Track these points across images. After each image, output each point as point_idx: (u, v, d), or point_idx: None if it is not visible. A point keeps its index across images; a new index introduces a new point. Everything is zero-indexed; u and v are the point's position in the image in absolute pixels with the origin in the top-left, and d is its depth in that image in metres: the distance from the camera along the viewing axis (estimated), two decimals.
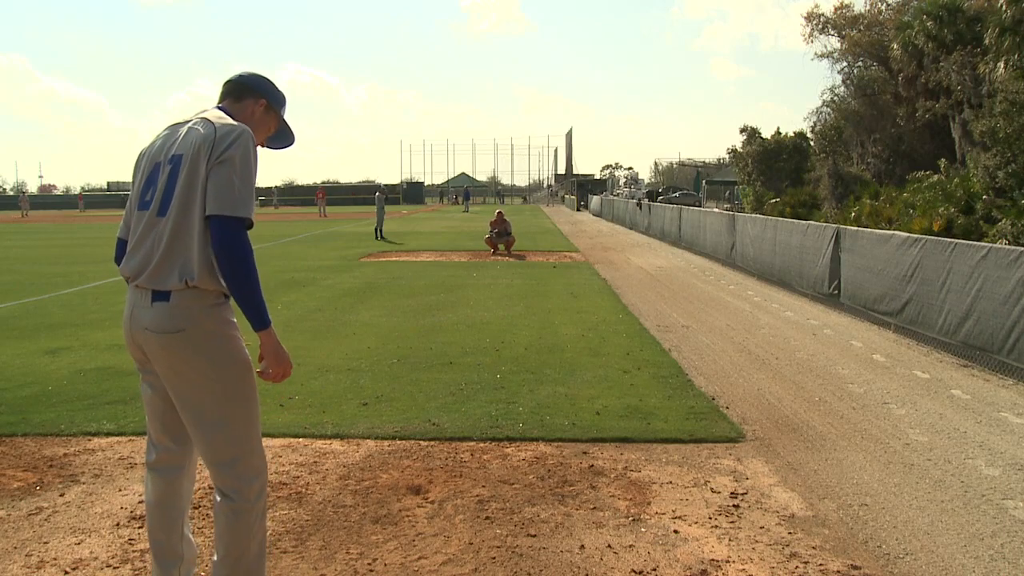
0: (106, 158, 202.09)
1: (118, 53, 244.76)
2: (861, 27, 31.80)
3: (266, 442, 2.86)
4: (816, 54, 33.56)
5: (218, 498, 2.75)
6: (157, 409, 2.83)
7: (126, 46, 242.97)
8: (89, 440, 4.99)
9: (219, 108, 2.88)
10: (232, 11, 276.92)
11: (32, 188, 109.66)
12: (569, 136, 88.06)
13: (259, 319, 2.62)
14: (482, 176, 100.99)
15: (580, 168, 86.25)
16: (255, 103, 2.94)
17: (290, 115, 3.11)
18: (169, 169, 2.66)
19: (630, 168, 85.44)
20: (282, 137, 3.12)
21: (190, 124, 2.75)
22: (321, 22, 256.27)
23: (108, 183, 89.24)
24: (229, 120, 2.75)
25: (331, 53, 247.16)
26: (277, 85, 3.04)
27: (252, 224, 2.63)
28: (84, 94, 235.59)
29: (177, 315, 2.61)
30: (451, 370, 6.83)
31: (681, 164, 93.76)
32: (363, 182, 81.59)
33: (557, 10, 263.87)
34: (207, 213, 2.57)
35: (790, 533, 3.69)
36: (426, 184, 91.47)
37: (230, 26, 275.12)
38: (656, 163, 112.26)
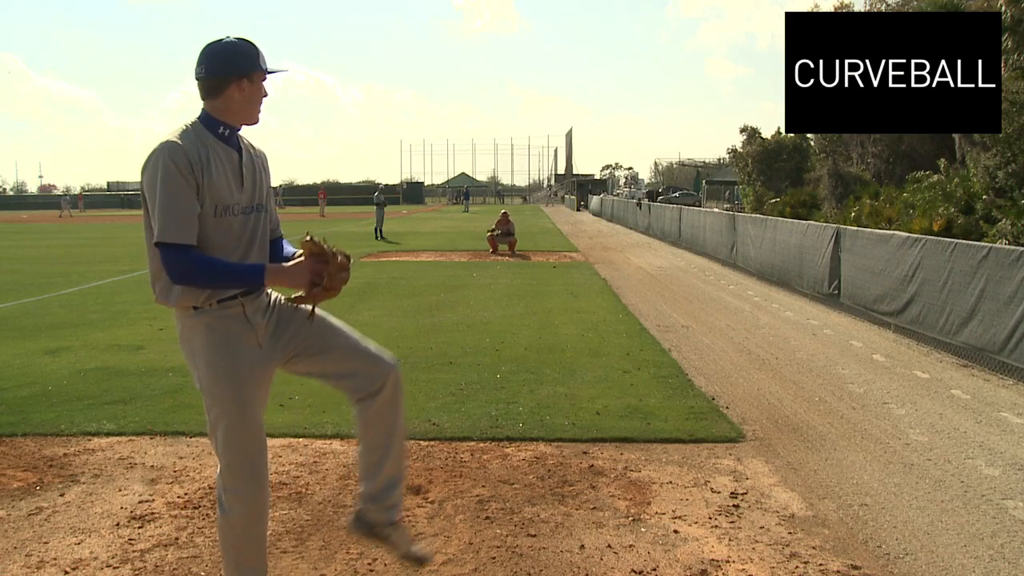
0: (105, 157, 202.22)
1: (112, 52, 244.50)
2: None
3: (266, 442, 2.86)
4: None
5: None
6: None
7: (120, 44, 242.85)
8: (89, 440, 4.99)
9: (202, 113, 2.71)
10: (226, 10, 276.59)
11: (32, 188, 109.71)
12: (569, 136, 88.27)
13: (252, 281, 2.68)
14: (482, 176, 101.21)
15: (580, 168, 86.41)
16: (236, 88, 2.68)
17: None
18: None
19: (630, 168, 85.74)
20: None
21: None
22: (315, 21, 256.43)
23: (108, 183, 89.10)
24: (163, 139, 2.61)
25: (326, 52, 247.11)
26: (240, 48, 2.68)
27: (176, 243, 2.52)
28: (78, 93, 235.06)
29: (177, 325, 2.77)
30: (451, 370, 6.83)
31: (681, 164, 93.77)
32: (363, 182, 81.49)
33: (552, 8, 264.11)
34: None
35: (790, 533, 3.69)
36: (426, 184, 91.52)
37: (224, 24, 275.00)
38: (656, 163, 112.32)
